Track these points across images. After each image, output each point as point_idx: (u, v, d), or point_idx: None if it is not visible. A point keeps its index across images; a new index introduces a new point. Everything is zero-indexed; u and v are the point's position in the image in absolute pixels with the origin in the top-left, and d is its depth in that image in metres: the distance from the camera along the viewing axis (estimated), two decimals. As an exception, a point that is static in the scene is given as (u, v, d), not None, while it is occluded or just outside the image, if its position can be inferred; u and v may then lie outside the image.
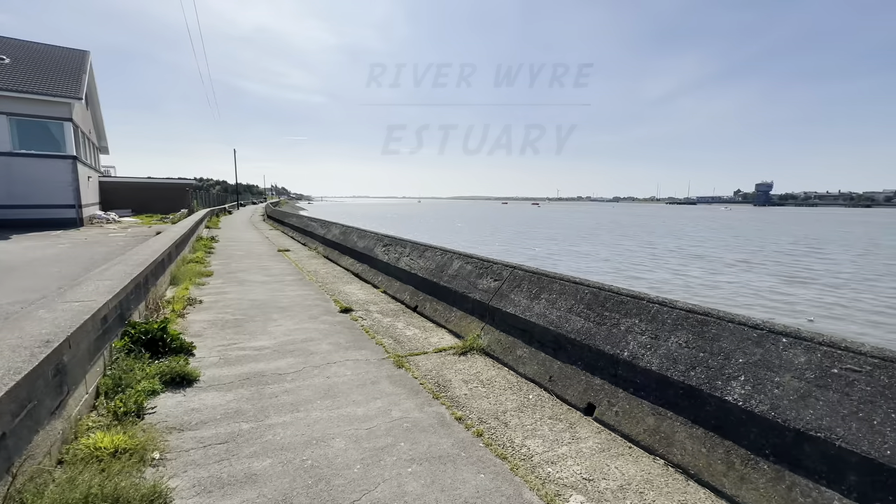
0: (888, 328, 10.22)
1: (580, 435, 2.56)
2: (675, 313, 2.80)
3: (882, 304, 12.51)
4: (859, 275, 17.14)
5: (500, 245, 28.65)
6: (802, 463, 1.95)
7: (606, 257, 23.17)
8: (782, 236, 35.97)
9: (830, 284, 15.19)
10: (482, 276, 4.72)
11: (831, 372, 2.02)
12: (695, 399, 2.41)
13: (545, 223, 54.97)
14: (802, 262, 21.02)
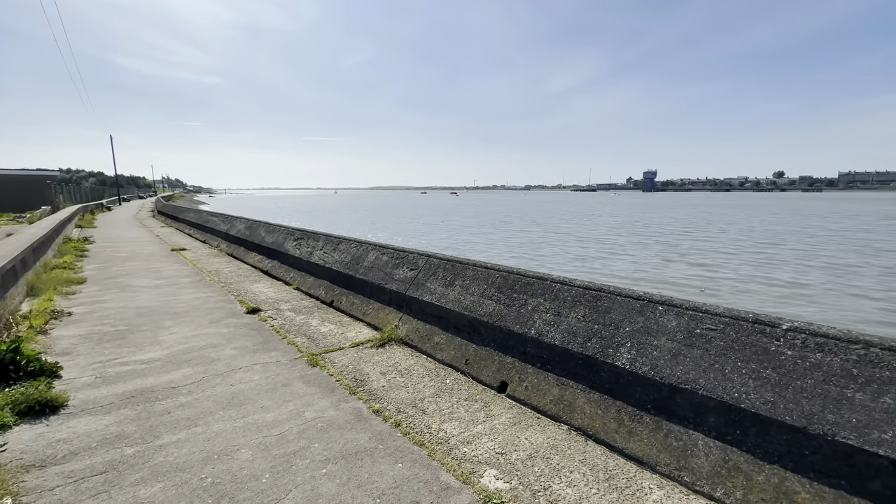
0: (732, 287, 12.29)
1: (494, 412, 2.69)
2: (574, 291, 3.05)
3: (740, 272, 14.97)
4: (718, 247, 20.30)
5: (419, 235, 28.78)
6: (675, 412, 2.26)
7: (517, 242, 24.49)
8: (653, 218, 41.09)
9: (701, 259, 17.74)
10: (398, 267, 4.69)
11: (695, 332, 2.35)
12: (592, 367, 2.66)
13: (463, 211, 56.41)
14: (678, 240, 24.22)
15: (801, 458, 1.84)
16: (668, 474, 2.09)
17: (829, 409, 1.81)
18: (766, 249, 20.52)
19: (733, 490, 1.91)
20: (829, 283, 13.71)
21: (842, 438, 1.73)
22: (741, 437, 2.01)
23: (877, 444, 1.66)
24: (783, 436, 1.90)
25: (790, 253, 19.46)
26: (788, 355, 2.02)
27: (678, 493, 1.96)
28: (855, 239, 24.26)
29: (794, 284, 13.55)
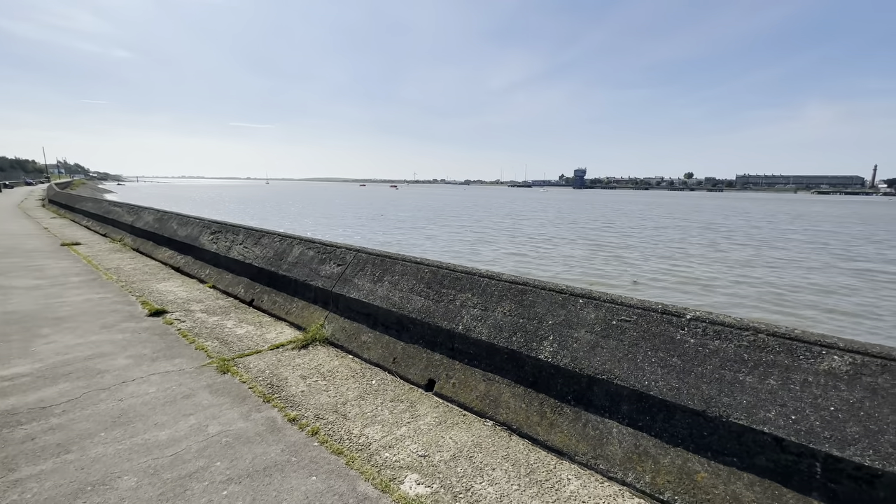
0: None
1: (419, 412, 2.60)
2: (500, 285, 3.04)
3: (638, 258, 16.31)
4: (638, 240, 22.05)
5: (354, 229, 28.03)
6: (593, 402, 2.32)
7: (453, 236, 24.74)
8: (580, 215, 43.81)
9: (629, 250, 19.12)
10: (325, 262, 4.43)
11: (612, 324, 2.44)
12: (516, 361, 2.66)
13: (402, 205, 55.96)
14: (598, 234, 25.90)
15: (701, 440, 1.96)
16: (586, 463, 2.14)
17: (725, 393, 1.94)
18: (676, 244, 22.64)
19: (643, 474, 2.00)
20: (728, 274, 15.42)
21: (734, 419, 1.86)
22: (650, 423, 2.11)
23: (762, 422, 1.80)
24: (686, 419, 2.01)
25: (696, 247, 21.64)
26: (691, 343, 2.15)
27: (594, 482, 2.00)
28: (747, 233, 27.57)
29: (693, 277, 15.04)
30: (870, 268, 16.79)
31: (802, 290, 12.95)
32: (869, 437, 1.61)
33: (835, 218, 46.59)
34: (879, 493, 1.57)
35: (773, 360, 1.93)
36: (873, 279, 14.70)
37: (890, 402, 1.65)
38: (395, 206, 55.88)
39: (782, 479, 1.75)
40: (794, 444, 1.72)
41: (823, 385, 1.78)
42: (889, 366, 1.73)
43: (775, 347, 1.96)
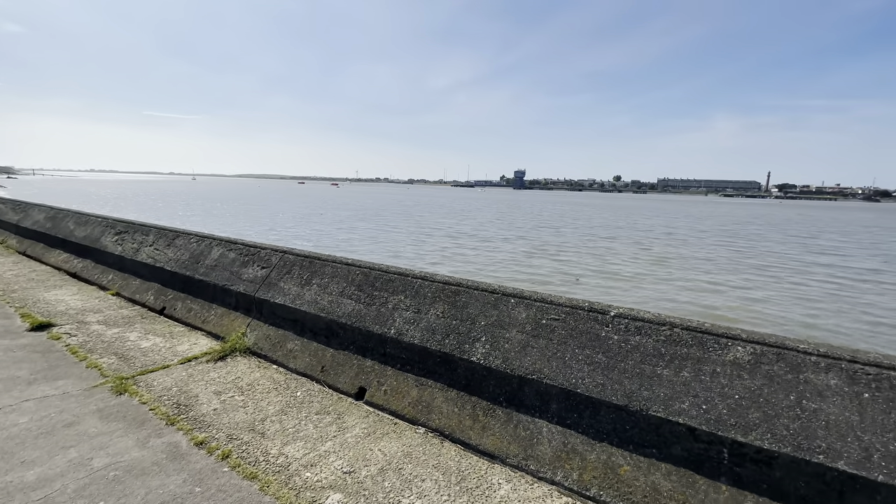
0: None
1: (347, 424, 2.44)
2: (434, 286, 2.96)
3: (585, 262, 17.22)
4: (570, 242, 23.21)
5: (287, 228, 26.74)
6: (524, 402, 2.31)
7: (392, 236, 24.48)
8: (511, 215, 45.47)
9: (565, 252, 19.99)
10: (248, 265, 4.08)
11: (542, 323, 2.45)
12: (449, 364, 2.59)
13: (343, 203, 54.44)
14: (538, 234, 26.98)
15: (624, 434, 2.01)
16: (517, 465, 2.12)
17: (645, 387, 2.00)
18: (606, 242, 24.15)
19: (571, 472, 2.01)
20: (655, 270, 16.70)
21: (653, 412, 1.92)
22: (578, 420, 2.13)
23: (678, 413, 1.88)
24: (610, 415, 2.06)
25: (623, 245, 23.23)
26: (615, 340, 2.21)
27: (524, 484, 1.98)
28: (668, 233, 30.09)
29: (620, 273, 16.13)
30: (773, 263, 19.05)
31: (720, 284, 14.36)
32: (767, 422, 1.73)
33: (737, 217, 52.58)
34: (776, 473, 1.69)
35: (686, 353, 2.03)
36: (774, 273, 16.69)
37: (784, 389, 1.78)
38: (335, 204, 54.18)
39: (695, 467, 1.83)
40: (705, 432, 1.81)
41: (729, 375, 1.90)
42: (783, 354, 1.87)
43: (688, 341, 2.06)
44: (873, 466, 1.53)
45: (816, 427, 1.66)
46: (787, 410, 1.73)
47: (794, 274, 16.51)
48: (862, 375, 1.72)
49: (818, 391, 1.74)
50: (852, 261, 20.53)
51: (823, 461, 1.59)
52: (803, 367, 1.81)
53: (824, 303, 12.42)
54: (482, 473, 2.05)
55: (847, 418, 1.65)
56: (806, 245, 26.27)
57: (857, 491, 1.56)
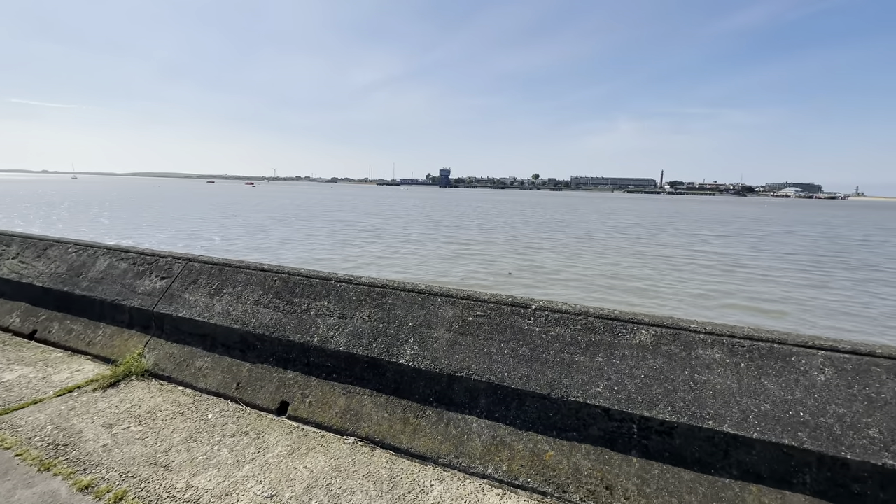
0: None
1: (268, 443, 2.26)
2: (359, 289, 2.86)
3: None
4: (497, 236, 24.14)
5: (193, 234, 24.46)
6: (454, 400, 2.33)
7: (310, 239, 23.55)
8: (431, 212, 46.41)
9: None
10: (144, 276, 3.60)
11: (468, 320, 2.48)
12: (378, 369, 2.52)
13: (259, 204, 50.95)
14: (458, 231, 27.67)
15: (548, 421, 2.11)
16: (449, 464, 2.12)
17: (565, 374, 2.12)
18: (529, 238, 25.44)
19: (500, 464, 2.06)
20: (575, 263, 17.92)
21: (573, 398, 2.04)
22: (506, 413, 2.20)
23: (594, 396, 2.02)
24: (535, 404, 2.15)
25: (544, 240, 24.67)
26: (537, 332, 2.31)
27: (456, 482, 1.99)
28: (582, 227, 32.56)
29: (544, 267, 17.12)
30: (672, 254, 21.46)
31: (624, 275, 15.84)
32: (668, 397, 1.93)
33: (637, 211, 58.65)
34: (676, 441, 1.89)
35: (600, 339, 2.19)
36: (666, 262, 18.83)
37: (680, 365, 2.00)
38: (250, 205, 50.44)
39: (610, 444, 1.98)
40: (618, 411, 1.97)
41: (636, 357, 2.08)
42: (678, 334, 2.10)
43: (601, 328, 2.22)
44: (749, 426, 1.77)
45: (706, 396, 1.89)
46: (683, 384, 1.95)
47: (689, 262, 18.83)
48: (739, 348, 1.98)
49: (706, 365, 1.97)
50: (732, 248, 23.97)
51: (712, 426, 1.81)
52: (694, 345, 2.05)
53: (722, 283, 14.34)
54: (414, 477, 2.02)
55: (729, 386, 1.89)
56: (695, 235, 30.16)
57: (738, 448, 1.80)
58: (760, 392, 1.84)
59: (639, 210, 66.73)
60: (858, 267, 18.72)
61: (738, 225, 41.55)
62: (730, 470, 1.80)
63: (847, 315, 11.30)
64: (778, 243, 26.90)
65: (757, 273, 16.52)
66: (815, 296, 13.23)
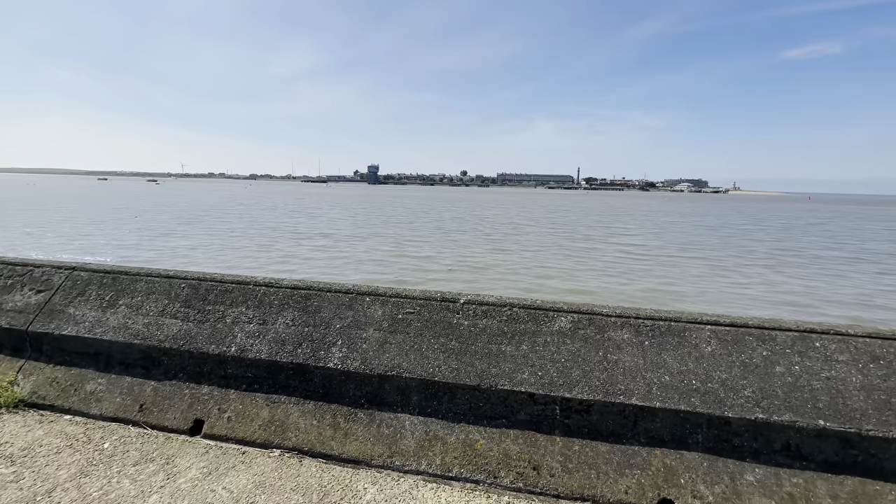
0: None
1: (180, 467, 2.05)
2: (281, 293, 2.70)
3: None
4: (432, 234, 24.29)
5: (77, 241, 21.53)
6: (386, 400, 2.30)
7: (225, 242, 21.97)
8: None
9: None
10: (14, 289, 3.06)
11: (398, 318, 2.46)
12: (304, 375, 2.41)
13: (163, 204, 46.05)
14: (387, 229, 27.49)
15: (478, 411, 2.17)
16: (383, 464, 2.10)
17: (493, 364, 2.19)
18: (458, 233, 25.93)
19: (434, 458, 2.08)
20: (504, 257, 18.56)
21: (501, 386, 2.12)
22: (438, 407, 2.22)
23: (520, 383, 2.11)
24: (466, 396, 2.19)
25: (471, 236, 25.29)
26: (465, 325, 2.36)
27: (390, 482, 1.97)
28: (510, 223, 33.92)
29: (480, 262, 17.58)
30: (594, 246, 23.12)
31: (553, 266, 16.79)
32: (585, 377, 2.08)
33: (557, 206, 62.58)
34: (593, 418, 2.05)
35: (524, 328, 2.30)
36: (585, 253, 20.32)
37: (595, 347, 2.17)
38: (152, 204, 45.29)
39: (536, 427, 2.09)
40: (542, 395, 2.08)
41: (557, 343, 2.22)
42: (593, 319, 2.27)
43: (525, 318, 2.33)
44: (653, 397, 1.98)
45: (617, 374, 2.07)
46: (598, 364, 2.11)
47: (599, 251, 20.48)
48: (643, 328, 2.20)
49: (617, 345, 2.16)
50: (643, 239, 26.52)
51: (623, 400, 1.99)
52: (607, 328, 2.23)
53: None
54: (346, 483, 1.96)
55: (636, 363, 2.09)
56: (608, 228, 32.92)
57: (644, 418, 1.99)
58: (661, 366, 2.06)
59: (562, 204, 71.32)
60: (742, 254, 21.83)
61: (644, 217, 46.24)
62: (638, 438, 2.00)
63: (738, 295, 13.13)
64: (679, 232, 30.43)
65: (665, 258, 18.52)
66: (710, 276, 15.19)
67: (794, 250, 22.89)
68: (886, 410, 1.82)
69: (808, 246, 24.89)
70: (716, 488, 1.83)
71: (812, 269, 17.31)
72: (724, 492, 1.82)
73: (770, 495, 1.79)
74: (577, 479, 1.93)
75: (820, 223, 45.09)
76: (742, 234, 31.32)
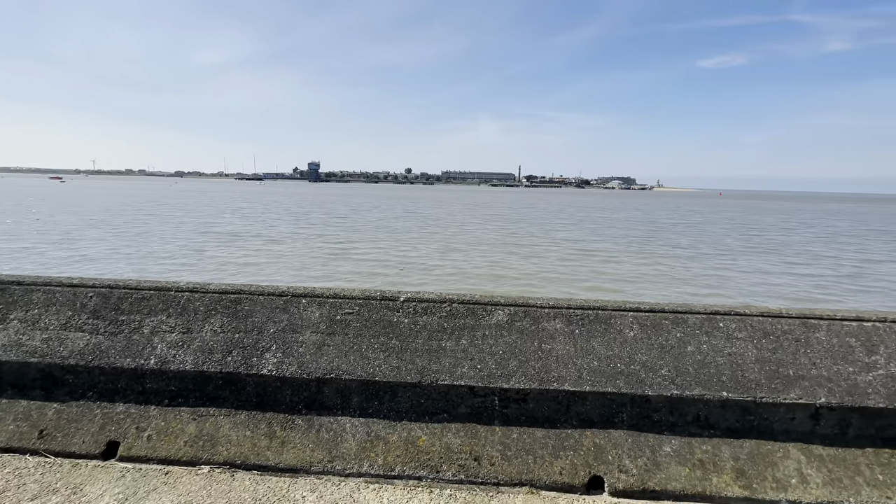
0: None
1: (90, 496, 1.85)
2: (208, 298, 2.52)
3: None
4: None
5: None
6: (325, 404, 2.23)
7: (145, 247, 20.30)
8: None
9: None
10: None
11: (336, 319, 2.39)
12: (235, 384, 2.27)
13: (69, 204, 41.18)
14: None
15: (420, 407, 2.18)
16: (322, 470, 2.03)
17: (433, 360, 2.21)
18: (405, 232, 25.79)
19: (376, 458, 2.05)
20: (449, 256, 18.69)
21: (442, 381, 2.14)
22: (379, 407, 2.20)
23: (460, 377, 2.15)
24: (407, 393, 2.19)
25: (416, 234, 25.28)
26: (406, 323, 2.35)
27: (331, 487, 1.92)
28: (454, 220, 34.27)
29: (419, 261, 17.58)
30: (536, 243, 23.94)
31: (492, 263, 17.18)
32: (522, 367, 2.16)
33: (504, 203, 64.32)
34: (530, 405, 2.14)
35: (463, 323, 2.34)
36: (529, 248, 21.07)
37: (530, 338, 2.26)
38: (55, 205, 40.29)
39: (476, 419, 2.14)
40: (481, 387, 2.14)
41: (495, 336, 2.28)
42: (528, 311, 2.36)
43: (464, 313, 2.37)
44: (584, 382, 2.10)
45: (551, 362, 2.17)
46: (533, 354, 2.20)
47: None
48: (574, 317, 2.33)
49: (550, 335, 2.27)
50: (580, 232, 27.97)
51: (557, 387, 2.10)
52: (541, 319, 2.34)
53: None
54: (283, 493, 1.88)
55: (568, 351, 2.21)
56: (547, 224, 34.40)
57: (576, 402, 2.12)
58: (590, 352, 2.20)
59: (503, 200, 73.33)
60: (673, 246, 23.81)
61: (581, 213, 48.89)
62: (571, 421, 2.12)
63: (665, 281, 14.29)
64: (612, 227, 32.54)
65: (601, 251, 19.70)
66: (641, 264, 16.41)
67: (709, 242, 25.42)
68: (776, 379, 2.08)
69: (721, 236, 27.81)
70: (639, 461, 1.99)
71: (725, 258, 19.34)
72: (645, 464, 1.98)
73: (684, 463, 1.98)
74: (515, 465, 2.01)
75: (728, 217, 50.49)
76: (667, 227, 34.25)
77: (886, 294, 13.58)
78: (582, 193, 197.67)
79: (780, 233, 32.25)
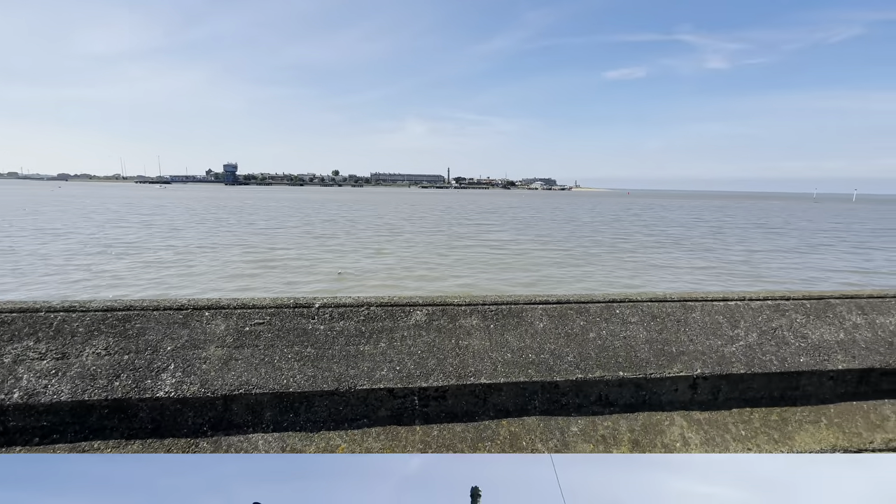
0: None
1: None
2: (89, 317, 2.22)
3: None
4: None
5: None
6: (234, 422, 2.08)
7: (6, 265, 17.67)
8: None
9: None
10: None
11: (245, 331, 2.25)
12: (125, 411, 2.03)
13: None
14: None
15: (339, 415, 2.12)
16: (232, 494, 1.90)
17: (351, 366, 2.17)
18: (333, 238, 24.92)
19: (292, 473, 1.96)
20: (379, 258, 18.36)
21: (360, 386, 2.11)
22: (294, 419, 2.10)
23: (379, 380, 2.13)
24: (325, 402, 2.12)
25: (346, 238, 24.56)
26: (321, 330, 2.28)
27: (241, 511, 1.80)
28: (385, 223, 33.84)
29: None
30: (466, 244, 24.34)
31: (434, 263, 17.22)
32: (440, 365, 2.20)
33: (439, 203, 64.91)
34: (449, 402, 2.19)
35: (382, 326, 2.32)
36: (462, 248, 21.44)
37: (448, 336, 2.31)
38: None
39: (397, 420, 2.14)
40: (401, 388, 2.14)
41: (413, 336, 2.30)
42: (446, 310, 2.42)
43: (382, 315, 2.36)
44: (499, 374, 2.20)
45: (468, 358, 2.24)
46: (451, 351, 2.26)
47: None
48: (489, 312, 2.42)
49: (467, 331, 2.34)
50: (508, 231, 29.04)
51: (474, 381, 2.17)
52: (458, 316, 2.40)
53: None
54: (185, 524, 1.72)
55: (484, 345, 2.30)
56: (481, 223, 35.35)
57: (492, 394, 2.21)
58: (504, 345, 2.31)
59: (436, 201, 74.00)
60: (597, 244, 25.64)
61: (510, 213, 51.00)
62: (488, 413, 2.20)
63: (582, 274, 15.36)
64: (539, 226, 34.35)
65: (527, 249, 20.67)
66: (560, 261, 17.50)
67: (623, 235, 27.92)
68: (662, 357, 2.35)
69: (634, 230, 30.72)
70: (550, 443, 2.13)
71: (639, 252, 21.40)
72: (556, 445, 2.13)
73: (589, 440, 2.16)
74: (436, 462, 2.04)
75: (636, 213, 55.92)
76: (586, 226, 37.04)
77: (756, 278, 16.01)
78: (508, 194, 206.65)
79: (680, 227, 36.51)
